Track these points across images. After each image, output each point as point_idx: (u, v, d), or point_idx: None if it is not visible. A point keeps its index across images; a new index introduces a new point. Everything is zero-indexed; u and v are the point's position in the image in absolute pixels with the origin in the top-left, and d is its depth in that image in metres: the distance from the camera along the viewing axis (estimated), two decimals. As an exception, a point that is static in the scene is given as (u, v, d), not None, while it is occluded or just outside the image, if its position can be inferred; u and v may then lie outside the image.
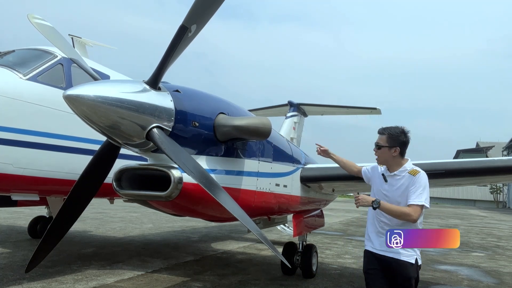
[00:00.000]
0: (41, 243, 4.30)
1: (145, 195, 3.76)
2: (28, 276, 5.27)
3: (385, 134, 3.35)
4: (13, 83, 4.97)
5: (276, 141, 5.06)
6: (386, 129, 3.39)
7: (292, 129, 12.13)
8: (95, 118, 3.19)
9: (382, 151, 3.35)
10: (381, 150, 3.35)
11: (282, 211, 5.67)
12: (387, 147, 3.32)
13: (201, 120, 3.73)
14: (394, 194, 3.27)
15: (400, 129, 3.37)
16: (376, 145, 3.39)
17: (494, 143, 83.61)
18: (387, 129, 3.38)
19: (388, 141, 3.32)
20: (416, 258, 3.22)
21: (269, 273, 6.57)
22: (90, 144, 5.55)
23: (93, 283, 5.31)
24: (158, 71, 3.39)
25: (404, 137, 3.35)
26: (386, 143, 3.33)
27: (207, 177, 3.37)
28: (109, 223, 12.75)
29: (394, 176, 3.32)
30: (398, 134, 3.33)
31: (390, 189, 3.31)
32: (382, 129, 3.42)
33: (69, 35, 7.77)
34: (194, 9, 3.08)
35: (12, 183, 5.03)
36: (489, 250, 11.22)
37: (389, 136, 3.33)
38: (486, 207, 66.24)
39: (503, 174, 5.69)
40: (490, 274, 7.61)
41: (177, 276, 5.98)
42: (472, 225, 21.67)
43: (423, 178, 3.21)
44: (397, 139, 3.32)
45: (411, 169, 3.28)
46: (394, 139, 3.32)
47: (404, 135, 3.35)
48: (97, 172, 4.03)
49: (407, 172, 3.27)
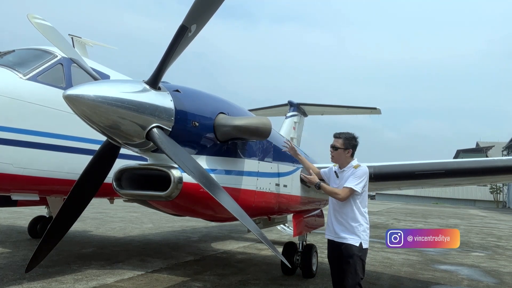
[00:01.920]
0: (41, 243, 4.30)
1: (145, 195, 3.76)
2: (28, 276, 5.27)
3: (341, 138, 4.04)
4: (13, 83, 4.97)
5: (276, 141, 5.06)
6: (342, 134, 4.08)
7: (292, 129, 12.13)
8: (95, 118, 3.19)
9: (338, 152, 4.04)
10: (338, 151, 4.04)
11: (282, 211, 5.67)
12: (342, 149, 4.02)
13: (201, 120, 3.73)
14: (341, 185, 3.99)
15: (352, 134, 4.09)
16: (333, 147, 4.06)
17: (494, 143, 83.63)
18: (342, 134, 4.07)
19: (344, 144, 4.02)
20: (361, 242, 3.84)
21: (269, 273, 6.57)
22: (90, 144, 5.55)
23: (93, 283, 5.31)
24: (158, 71, 3.39)
25: (355, 141, 4.08)
26: (342, 146, 4.02)
27: (207, 177, 3.37)
28: (109, 223, 12.75)
29: (343, 171, 4.05)
30: (351, 138, 4.06)
31: (339, 182, 4.03)
32: (338, 133, 4.10)
33: (69, 35, 7.76)
34: (194, 9, 3.08)
35: (12, 183, 5.03)
36: (489, 250, 11.23)
37: (344, 140, 4.03)
38: (486, 207, 66.24)
39: (503, 174, 5.70)
40: (490, 274, 7.61)
41: (177, 276, 5.99)
42: (472, 225, 21.68)
43: (361, 170, 3.92)
44: (350, 142, 4.04)
45: (355, 164, 3.99)
46: (348, 142, 4.03)
47: (355, 140, 4.08)
48: (97, 172, 4.02)
49: (352, 167, 3.98)
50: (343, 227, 3.94)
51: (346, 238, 3.88)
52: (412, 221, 22.37)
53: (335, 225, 4.01)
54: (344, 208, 3.97)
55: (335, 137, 4.10)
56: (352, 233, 3.88)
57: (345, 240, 3.88)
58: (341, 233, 3.94)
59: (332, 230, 4.04)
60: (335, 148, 4.03)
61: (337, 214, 4.00)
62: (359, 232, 3.89)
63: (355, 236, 3.87)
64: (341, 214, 3.97)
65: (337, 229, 3.98)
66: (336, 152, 4.04)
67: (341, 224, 3.96)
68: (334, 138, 4.10)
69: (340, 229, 3.96)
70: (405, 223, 20.60)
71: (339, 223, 3.98)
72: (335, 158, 4.10)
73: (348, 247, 3.85)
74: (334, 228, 4.01)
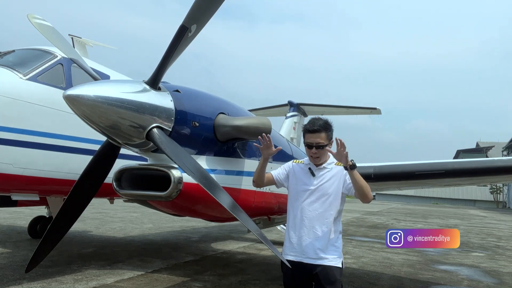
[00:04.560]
0: (41, 243, 4.30)
1: (145, 195, 3.77)
2: (28, 276, 5.26)
3: (323, 131, 3.05)
4: (13, 83, 4.97)
5: (276, 141, 5.06)
6: (321, 125, 3.06)
7: (292, 129, 12.15)
8: (95, 118, 3.19)
9: (324, 151, 3.07)
10: (323, 150, 3.06)
11: (282, 211, 5.67)
12: (326, 145, 3.07)
13: (201, 120, 3.73)
14: (325, 187, 3.06)
15: (325, 120, 3.13)
16: (317, 146, 3.04)
17: (494, 143, 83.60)
18: (322, 126, 3.06)
19: (327, 137, 3.08)
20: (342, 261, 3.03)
21: (269, 273, 6.56)
22: (90, 144, 5.55)
23: (93, 283, 5.31)
24: (158, 71, 3.39)
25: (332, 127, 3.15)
26: (326, 140, 3.07)
27: (207, 177, 3.37)
28: (109, 223, 12.75)
29: (323, 169, 3.12)
30: (330, 126, 3.11)
31: (319, 183, 3.08)
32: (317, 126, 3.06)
33: (69, 35, 7.76)
34: (194, 9, 3.08)
35: (12, 183, 5.03)
36: (489, 250, 11.22)
37: (326, 132, 3.07)
38: (486, 207, 66.20)
39: (503, 174, 5.70)
40: (490, 274, 7.60)
41: (177, 276, 5.98)
42: (472, 225, 21.67)
43: None
44: (331, 132, 3.12)
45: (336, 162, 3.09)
46: (330, 134, 3.11)
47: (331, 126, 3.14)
48: (97, 172, 4.02)
49: (334, 164, 3.12)
50: (322, 242, 2.95)
51: (325, 258, 2.93)
52: (412, 221, 22.35)
53: (306, 240, 2.98)
54: (328, 212, 3.01)
55: (313, 131, 3.05)
56: (334, 250, 2.96)
57: (324, 261, 2.92)
58: (318, 252, 2.94)
59: (299, 247, 3.00)
60: (321, 146, 3.04)
61: (315, 223, 2.98)
62: (340, 248, 3.04)
63: (336, 254, 2.97)
64: (321, 223, 2.98)
65: (310, 246, 2.95)
66: (321, 151, 3.07)
67: (318, 238, 2.95)
68: (311, 133, 3.06)
69: (316, 246, 2.94)
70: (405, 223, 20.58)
71: (315, 236, 2.96)
72: (321, 159, 3.12)
73: (329, 270, 2.90)
74: (304, 244, 2.97)
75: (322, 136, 3.05)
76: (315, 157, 3.10)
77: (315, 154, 3.08)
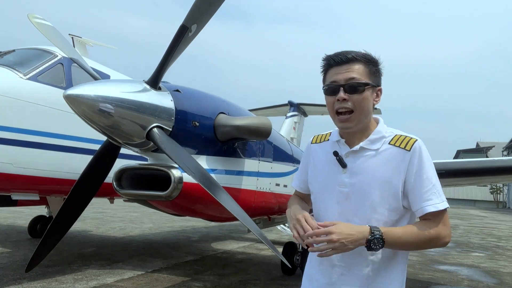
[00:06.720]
0: (41, 243, 4.29)
1: (145, 195, 3.76)
2: (28, 276, 5.27)
3: (360, 62, 1.63)
4: (13, 83, 4.97)
5: (276, 141, 5.07)
6: (357, 54, 1.64)
7: (292, 129, 12.15)
8: (95, 118, 3.19)
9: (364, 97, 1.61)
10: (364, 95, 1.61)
11: (282, 211, 5.68)
12: (369, 86, 1.63)
13: (201, 120, 3.73)
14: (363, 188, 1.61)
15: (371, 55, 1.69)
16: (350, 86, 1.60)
17: (494, 143, 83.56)
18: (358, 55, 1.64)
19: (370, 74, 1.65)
20: None
21: (269, 273, 6.56)
22: (90, 144, 5.55)
23: (93, 282, 5.31)
24: (159, 71, 3.39)
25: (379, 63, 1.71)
26: (367, 78, 1.63)
27: (207, 177, 3.36)
28: (109, 223, 12.75)
29: (360, 151, 1.65)
30: (377, 61, 1.69)
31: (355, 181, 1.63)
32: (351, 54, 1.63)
33: (69, 35, 7.77)
34: (195, 9, 3.08)
35: (12, 183, 5.03)
36: (489, 250, 11.22)
37: (367, 66, 1.65)
38: (486, 207, 66.20)
39: (503, 174, 5.71)
40: (490, 274, 7.60)
41: (177, 276, 5.98)
42: (472, 225, 21.67)
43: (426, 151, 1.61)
44: (378, 71, 1.70)
45: (395, 135, 1.65)
46: (376, 71, 1.69)
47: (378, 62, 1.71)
48: (97, 171, 4.02)
49: (388, 141, 1.64)
50: None
51: None
52: (412, 221, 22.35)
53: None
54: None
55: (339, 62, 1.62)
56: None
57: None
58: None
59: None
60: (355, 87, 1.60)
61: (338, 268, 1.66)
62: None
63: None
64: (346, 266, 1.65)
65: None
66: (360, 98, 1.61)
67: None
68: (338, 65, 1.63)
69: None
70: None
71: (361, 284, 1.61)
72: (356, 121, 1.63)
73: None
74: None
75: (357, 69, 1.62)
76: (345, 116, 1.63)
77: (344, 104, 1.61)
